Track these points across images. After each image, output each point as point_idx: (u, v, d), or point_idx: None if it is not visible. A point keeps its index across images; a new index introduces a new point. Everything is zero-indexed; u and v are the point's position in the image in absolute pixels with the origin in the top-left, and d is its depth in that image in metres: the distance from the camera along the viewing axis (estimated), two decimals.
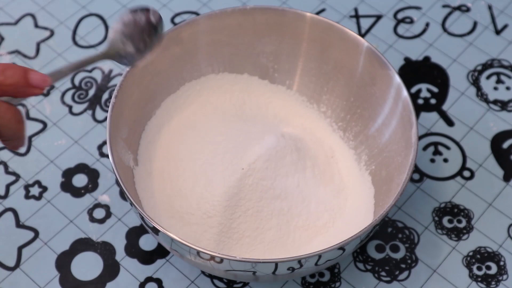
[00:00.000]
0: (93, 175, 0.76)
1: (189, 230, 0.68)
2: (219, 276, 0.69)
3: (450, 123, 0.80)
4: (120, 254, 0.71)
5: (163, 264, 0.71)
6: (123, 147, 0.69)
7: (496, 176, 0.76)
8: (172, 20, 0.86)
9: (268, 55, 0.77)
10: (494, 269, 0.71)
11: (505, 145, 0.78)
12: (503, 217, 0.74)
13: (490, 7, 0.88)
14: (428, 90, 0.82)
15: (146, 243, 0.72)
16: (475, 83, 0.82)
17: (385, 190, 0.69)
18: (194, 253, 0.62)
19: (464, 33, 0.86)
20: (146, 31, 0.64)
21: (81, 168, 0.76)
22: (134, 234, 0.73)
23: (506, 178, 0.76)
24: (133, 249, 0.72)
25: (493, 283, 0.71)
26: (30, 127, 0.78)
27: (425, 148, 0.78)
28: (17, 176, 0.76)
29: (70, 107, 0.80)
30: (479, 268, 0.71)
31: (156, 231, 0.63)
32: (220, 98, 0.76)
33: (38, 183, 0.75)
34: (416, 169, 0.77)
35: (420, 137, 0.78)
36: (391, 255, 0.72)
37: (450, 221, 0.74)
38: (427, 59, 0.84)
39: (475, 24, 0.87)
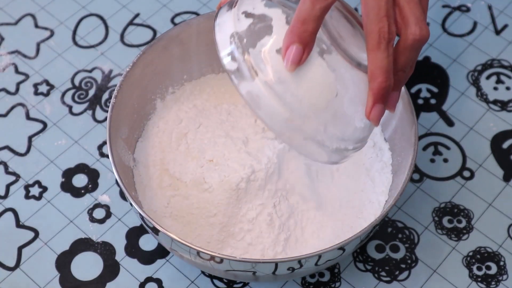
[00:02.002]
0: (93, 175, 0.76)
1: (189, 230, 0.68)
2: (219, 276, 0.69)
3: (450, 123, 0.80)
4: (120, 254, 0.71)
5: (163, 264, 0.71)
6: (123, 147, 0.69)
7: (496, 176, 0.76)
8: (172, 20, 0.86)
9: None
10: (494, 269, 0.71)
11: (505, 145, 0.78)
12: (503, 217, 0.74)
13: (490, 7, 0.88)
14: (428, 90, 0.82)
15: (146, 243, 0.72)
16: (475, 83, 0.82)
17: None
18: (194, 253, 0.62)
19: (464, 33, 0.86)
20: None
21: (81, 168, 0.76)
22: (134, 234, 0.73)
23: (506, 178, 0.76)
24: (133, 249, 0.72)
25: (493, 283, 0.71)
26: (30, 127, 0.78)
27: (425, 148, 0.78)
28: (17, 176, 0.75)
29: (70, 107, 0.80)
30: (479, 268, 0.71)
31: (156, 231, 0.63)
32: (220, 98, 0.76)
33: (38, 183, 0.75)
34: (416, 169, 0.77)
35: (420, 137, 0.78)
36: (391, 255, 0.72)
37: (450, 221, 0.74)
38: (427, 59, 0.84)
39: (475, 24, 0.87)
